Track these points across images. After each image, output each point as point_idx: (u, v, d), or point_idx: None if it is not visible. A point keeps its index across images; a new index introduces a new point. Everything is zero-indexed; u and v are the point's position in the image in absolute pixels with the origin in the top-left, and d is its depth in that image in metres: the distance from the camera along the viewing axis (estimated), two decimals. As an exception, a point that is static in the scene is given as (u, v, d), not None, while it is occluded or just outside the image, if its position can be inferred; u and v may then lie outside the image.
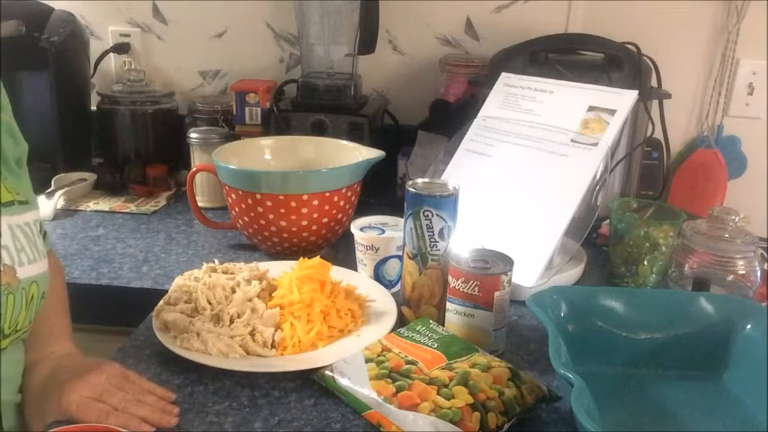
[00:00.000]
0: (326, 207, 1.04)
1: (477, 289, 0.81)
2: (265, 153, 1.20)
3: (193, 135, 1.30)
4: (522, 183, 1.01)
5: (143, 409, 0.68)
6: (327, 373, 0.75)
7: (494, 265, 0.83)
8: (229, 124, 1.39)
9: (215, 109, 1.42)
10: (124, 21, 1.55)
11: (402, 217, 0.88)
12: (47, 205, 1.25)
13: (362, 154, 1.12)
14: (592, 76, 1.14)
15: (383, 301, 0.91)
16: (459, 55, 1.46)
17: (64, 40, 1.35)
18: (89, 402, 0.67)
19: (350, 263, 1.02)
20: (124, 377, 0.72)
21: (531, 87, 1.10)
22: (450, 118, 1.31)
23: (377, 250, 0.98)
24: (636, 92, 1.01)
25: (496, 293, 0.81)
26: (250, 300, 0.84)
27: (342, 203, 1.06)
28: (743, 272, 0.96)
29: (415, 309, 0.88)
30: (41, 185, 1.31)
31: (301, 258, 0.89)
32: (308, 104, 1.33)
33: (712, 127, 1.44)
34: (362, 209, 1.11)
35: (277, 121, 1.31)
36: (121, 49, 1.54)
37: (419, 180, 0.87)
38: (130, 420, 0.66)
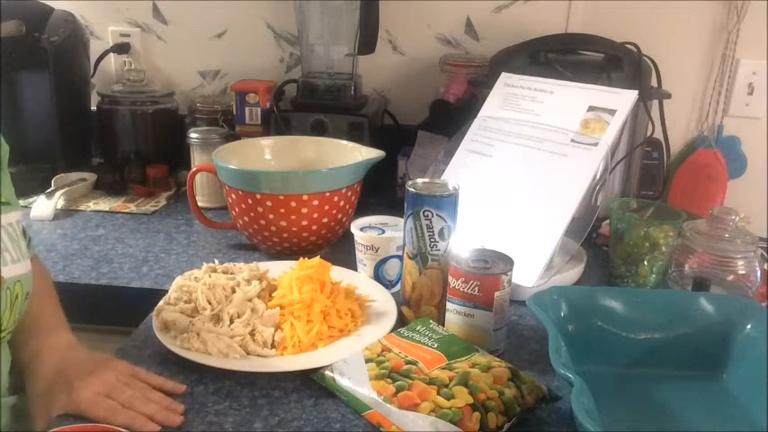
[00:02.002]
0: (326, 207, 1.04)
1: (477, 289, 0.81)
2: (265, 153, 1.20)
3: (193, 135, 1.30)
4: (522, 183, 1.01)
5: (149, 406, 0.69)
6: (327, 373, 0.75)
7: (494, 265, 0.83)
8: (229, 124, 1.38)
9: (215, 109, 1.42)
10: (124, 21, 1.55)
11: (402, 217, 0.88)
12: (47, 205, 1.24)
13: (362, 154, 1.12)
14: (592, 76, 1.14)
15: (383, 301, 0.91)
16: (459, 55, 1.45)
17: (64, 40, 1.34)
18: (99, 399, 0.68)
19: (350, 263, 1.01)
20: (132, 374, 0.73)
21: (531, 87, 1.10)
22: (450, 118, 1.31)
23: (377, 250, 0.98)
24: (636, 92, 1.01)
25: (496, 293, 0.81)
26: (250, 300, 0.84)
27: (342, 203, 1.06)
28: (743, 272, 0.96)
29: (415, 309, 0.88)
30: (41, 185, 1.31)
31: (301, 258, 0.89)
32: (308, 104, 1.32)
33: (712, 127, 1.44)
34: (362, 209, 1.11)
35: (277, 121, 1.31)
36: (121, 49, 1.54)
37: (419, 180, 0.87)
38: (136, 419, 0.67)
